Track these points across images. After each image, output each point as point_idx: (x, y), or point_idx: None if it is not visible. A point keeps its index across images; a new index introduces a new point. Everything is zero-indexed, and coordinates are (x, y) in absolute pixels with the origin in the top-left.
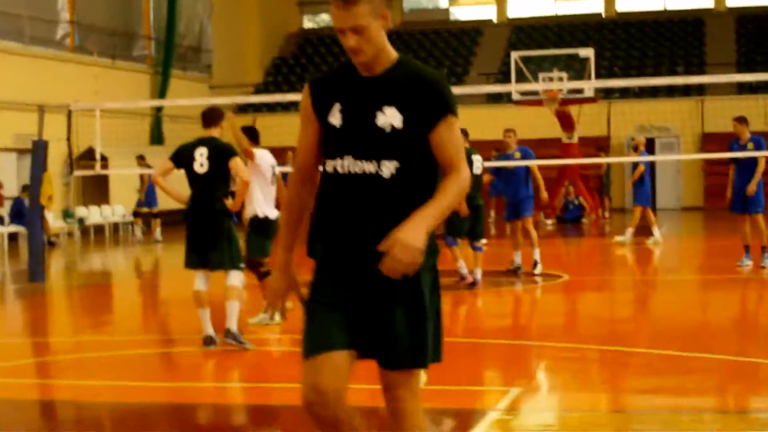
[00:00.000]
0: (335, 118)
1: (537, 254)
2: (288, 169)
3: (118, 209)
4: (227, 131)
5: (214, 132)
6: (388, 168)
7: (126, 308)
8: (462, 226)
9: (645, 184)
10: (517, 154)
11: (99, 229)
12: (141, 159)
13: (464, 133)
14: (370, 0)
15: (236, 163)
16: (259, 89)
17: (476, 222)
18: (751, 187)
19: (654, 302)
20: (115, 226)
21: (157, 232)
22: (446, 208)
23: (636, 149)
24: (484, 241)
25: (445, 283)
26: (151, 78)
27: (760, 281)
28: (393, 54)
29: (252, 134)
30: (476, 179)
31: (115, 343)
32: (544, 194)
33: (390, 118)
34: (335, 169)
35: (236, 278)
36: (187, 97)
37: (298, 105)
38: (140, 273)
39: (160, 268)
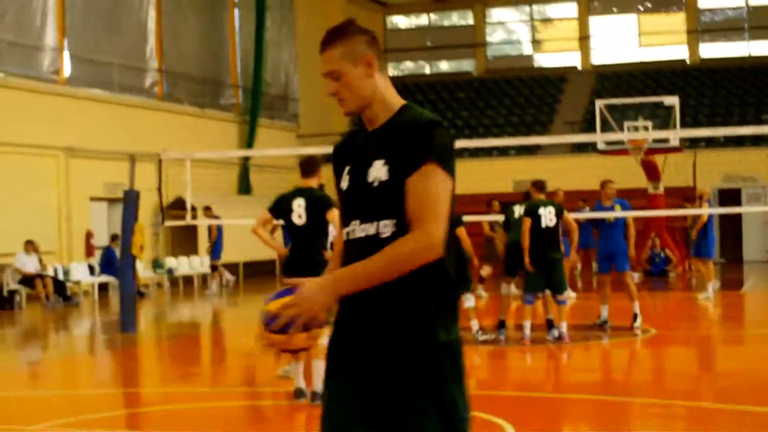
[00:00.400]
0: (344, 182)
1: (637, 307)
2: None
3: (206, 260)
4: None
5: (312, 182)
6: (387, 227)
7: (215, 359)
8: (536, 281)
9: (708, 237)
10: (617, 207)
11: (188, 279)
12: (207, 210)
13: (539, 186)
14: (344, 44)
15: (334, 215)
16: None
17: (552, 275)
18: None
19: (741, 356)
20: (204, 277)
21: (214, 285)
22: (374, 271)
23: (701, 199)
24: (571, 294)
25: (535, 337)
26: (238, 127)
27: None
28: (396, 104)
29: None
30: (548, 232)
31: (205, 394)
32: (632, 250)
33: (377, 171)
34: (347, 236)
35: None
36: (274, 146)
37: None
38: (225, 324)
39: (242, 320)
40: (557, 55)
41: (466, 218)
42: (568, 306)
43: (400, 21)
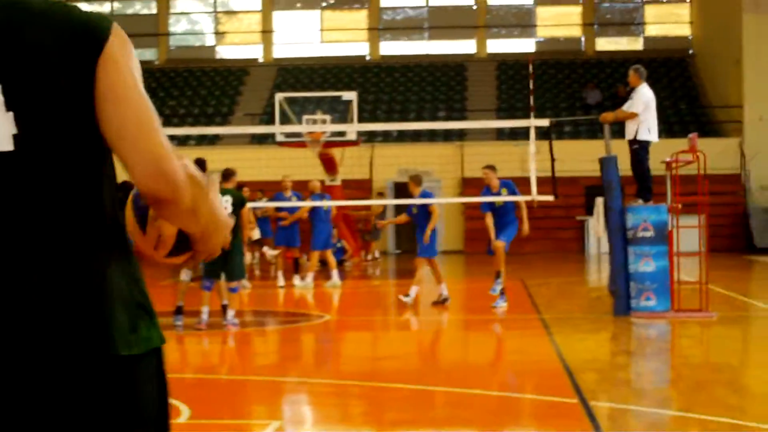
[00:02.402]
0: None
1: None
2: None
3: None
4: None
5: None
6: None
7: None
8: (213, 268)
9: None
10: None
11: None
12: None
13: (224, 174)
14: None
15: None
16: None
17: (227, 262)
18: (526, 228)
19: (415, 341)
20: None
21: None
22: None
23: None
24: (246, 284)
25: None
26: None
27: (512, 321)
28: None
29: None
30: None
31: None
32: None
33: None
34: None
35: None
36: None
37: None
38: None
39: None
40: (240, 48)
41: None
42: (240, 293)
43: (82, 6)
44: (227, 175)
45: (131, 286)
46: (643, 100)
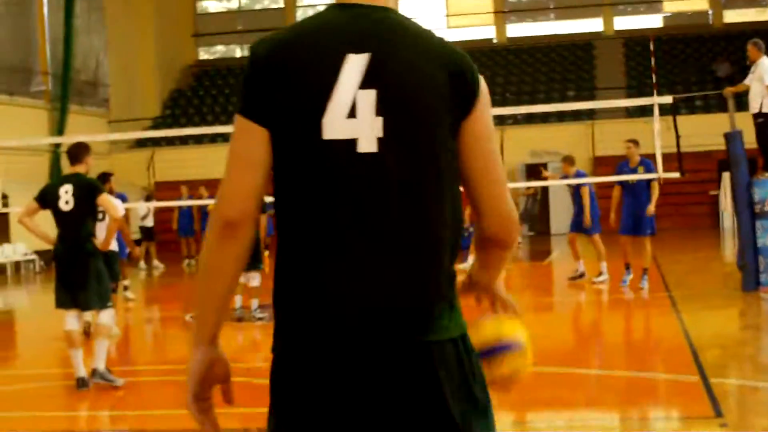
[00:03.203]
0: None
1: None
2: (181, 203)
3: (19, 247)
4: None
5: (80, 168)
6: None
7: (28, 344)
8: None
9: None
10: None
11: (1, 267)
12: None
13: None
14: None
15: (105, 200)
16: (158, 122)
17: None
18: (651, 208)
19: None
20: (16, 265)
21: None
22: None
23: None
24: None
25: None
26: (48, 114)
27: (641, 299)
28: None
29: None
30: None
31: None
32: None
33: None
34: None
35: (106, 316)
36: (85, 132)
37: (196, 138)
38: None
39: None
40: None
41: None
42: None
43: (211, 5)
44: None
45: (451, 282)
46: (765, 72)
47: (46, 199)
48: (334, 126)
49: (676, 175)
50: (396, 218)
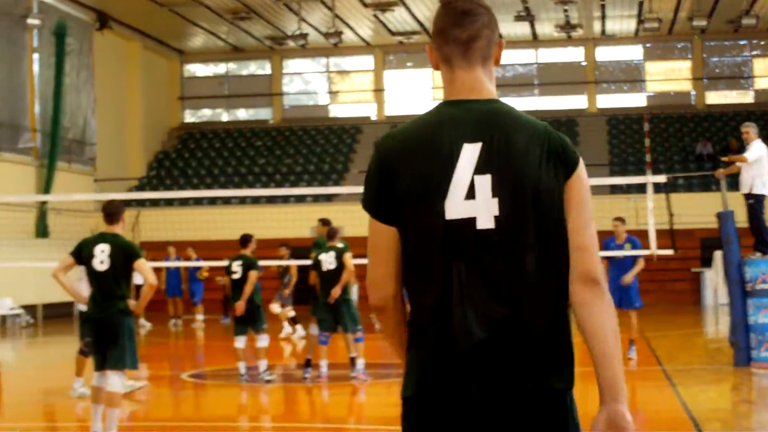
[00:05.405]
0: None
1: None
2: (170, 263)
3: (5, 302)
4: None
5: (117, 228)
6: None
7: (14, 398)
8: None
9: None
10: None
11: None
12: None
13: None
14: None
15: (142, 265)
16: (143, 183)
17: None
18: (628, 278)
19: None
20: (2, 319)
21: None
22: None
23: None
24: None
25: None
26: (36, 170)
27: (634, 372)
28: None
29: None
30: (329, 274)
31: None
32: None
33: None
34: None
35: (119, 384)
36: (72, 190)
37: (181, 200)
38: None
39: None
40: (353, 106)
41: (264, 262)
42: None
43: (198, 69)
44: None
45: (568, 336)
46: (758, 153)
47: (81, 255)
48: (456, 207)
49: (670, 252)
50: (517, 279)
